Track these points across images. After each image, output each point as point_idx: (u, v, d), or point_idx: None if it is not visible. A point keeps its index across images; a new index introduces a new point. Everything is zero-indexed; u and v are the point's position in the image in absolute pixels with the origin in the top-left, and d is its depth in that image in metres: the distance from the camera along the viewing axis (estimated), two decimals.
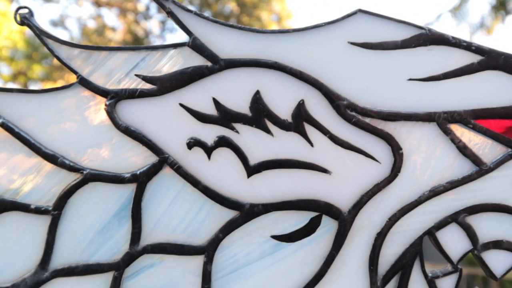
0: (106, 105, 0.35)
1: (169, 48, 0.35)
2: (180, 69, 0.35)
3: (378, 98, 0.36)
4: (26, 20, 0.35)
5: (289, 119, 0.36)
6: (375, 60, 0.36)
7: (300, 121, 0.35)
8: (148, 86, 0.35)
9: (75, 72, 0.35)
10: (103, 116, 0.35)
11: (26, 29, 0.36)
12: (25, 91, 0.35)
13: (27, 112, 0.35)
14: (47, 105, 0.35)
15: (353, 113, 0.36)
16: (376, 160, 0.36)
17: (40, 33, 0.35)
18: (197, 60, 0.35)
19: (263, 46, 0.35)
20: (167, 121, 0.35)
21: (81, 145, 0.35)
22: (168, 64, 0.35)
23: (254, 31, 0.35)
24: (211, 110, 0.35)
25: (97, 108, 0.35)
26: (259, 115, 0.35)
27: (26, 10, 0.35)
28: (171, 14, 0.35)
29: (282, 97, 0.36)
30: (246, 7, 6.13)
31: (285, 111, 0.36)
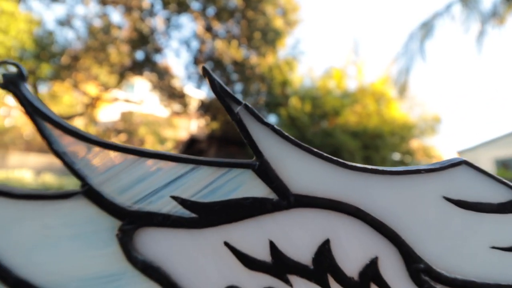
0: (120, 230, 0.24)
1: (225, 166, 0.25)
2: (235, 198, 0.26)
3: (455, 263, 0.30)
4: None
5: (356, 277, 0.28)
6: (465, 221, 0.30)
7: (367, 281, 0.29)
8: (186, 213, 0.25)
9: (82, 179, 0.24)
10: (112, 243, 0.25)
11: (34, 29, 0.23)
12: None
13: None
14: (29, 216, 0.24)
15: (426, 278, 0.30)
16: None
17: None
18: (260, 190, 0.26)
19: (345, 185, 0.27)
20: (203, 262, 0.26)
21: (74, 278, 0.25)
22: (221, 188, 0.25)
23: (341, 165, 0.27)
24: (264, 256, 0.27)
25: (105, 231, 0.25)
26: (323, 269, 0.28)
27: None
28: (239, 124, 0.25)
29: (354, 250, 0.28)
30: (250, 1, 5.78)
31: (352, 268, 0.28)
